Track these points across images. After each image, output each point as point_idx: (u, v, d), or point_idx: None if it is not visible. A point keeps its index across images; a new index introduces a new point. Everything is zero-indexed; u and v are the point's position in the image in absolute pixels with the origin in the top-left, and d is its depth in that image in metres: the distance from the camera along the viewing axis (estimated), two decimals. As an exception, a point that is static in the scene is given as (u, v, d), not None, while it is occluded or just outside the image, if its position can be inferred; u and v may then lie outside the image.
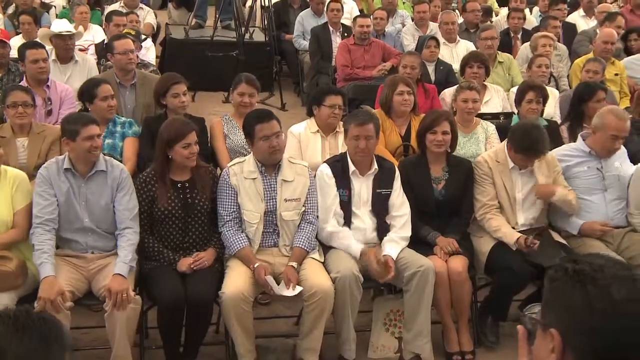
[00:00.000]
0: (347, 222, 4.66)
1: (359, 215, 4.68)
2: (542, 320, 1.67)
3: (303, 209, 4.58)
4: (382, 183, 4.68)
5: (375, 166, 4.68)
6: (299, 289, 4.28)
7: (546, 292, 1.68)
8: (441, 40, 8.15)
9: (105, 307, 4.02)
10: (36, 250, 4.12)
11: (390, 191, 4.70)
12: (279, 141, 4.52)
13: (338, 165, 4.68)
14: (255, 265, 4.33)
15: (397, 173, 4.75)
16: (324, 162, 4.82)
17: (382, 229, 4.69)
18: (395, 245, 4.56)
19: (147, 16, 9.21)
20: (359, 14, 9.75)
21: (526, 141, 4.74)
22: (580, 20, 9.90)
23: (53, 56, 6.59)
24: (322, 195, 4.64)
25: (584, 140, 5.04)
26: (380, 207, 4.69)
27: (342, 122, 5.41)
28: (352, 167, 4.66)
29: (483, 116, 5.92)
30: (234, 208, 4.49)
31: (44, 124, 5.37)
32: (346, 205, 4.65)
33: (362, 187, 4.68)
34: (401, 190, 4.73)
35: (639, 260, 4.73)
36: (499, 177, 4.86)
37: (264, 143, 4.44)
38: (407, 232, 4.67)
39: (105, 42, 7.53)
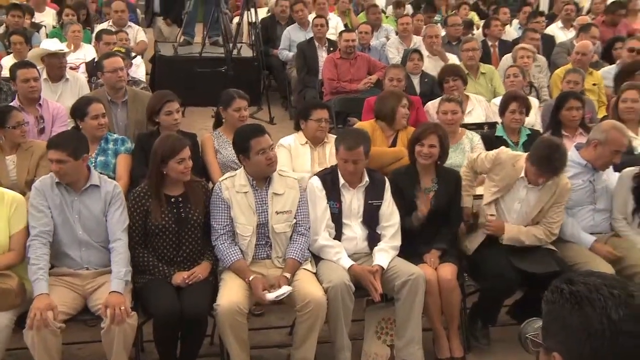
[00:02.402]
0: (338, 233, 4.64)
1: (350, 226, 4.66)
2: (544, 343, 1.66)
3: (294, 221, 4.55)
4: (373, 194, 4.67)
5: (366, 178, 4.66)
6: (287, 288, 4.25)
7: (545, 315, 1.67)
8: (425, 53, 8.18)
9: (102, 324, 3.96)
10: (32, 265, 4.07)
11: (381, 202, 4.68)
12: (273, 154, 4.52)
13: (328, 177, 4.66)
14: (250, 278, 4.30)
15: (388, 184, 4.73)
16: (315, 174, 4.79)
17: (373, 239, 4.67)
18: (385, 254, 4.55)
19: (138, 35, 9.17)
20: (343, 28, 9.78)
21: (546, 157, 4.57)
22: (558, 32, 9.99)
23: (44, 75, 6.53)
24: (313, 208, 4.61)
25: (578, 151, 5.01)
26: (371, 218, 4.67)
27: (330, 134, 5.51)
28: (342, 180, 4.64)
29: (467, 126, 5.92)
30: (227, 222, 4.46)
31: (31, 140, 5.30)
32: (337, 217, 4.63)
33: (353, 199, 4.66)
34: (391, 200, 4.71)
35: (624, 262, 4.76)
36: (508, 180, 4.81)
37: (261, 157, 4.41)
38: (397, 241, 4.66)
39: (96, 60, 7.50)
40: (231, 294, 4.23)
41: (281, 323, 4.94)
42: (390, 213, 4.69)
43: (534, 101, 6.72)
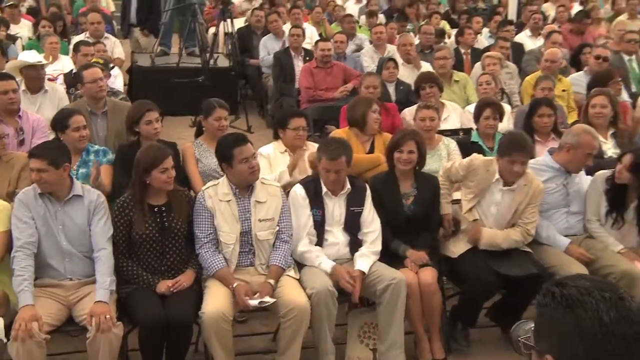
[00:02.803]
0: (320, 239, 4.64)
1: (332, 232, 4.67)
2: (536, 345, 1.67)
3: (277, 228, 4.55)
4: (354, 201, 4.67)
5: (348, 186, 4.66)
6: (268, 301, 4.25)
7: (537, 318, 1.68)
8: (400, 61, 8.23)
9: (88, 334, 3.92)
10: (16, 277, 4.02)
11: (362, 209, 4.69)
12: (256, 162, 4.52)
13: (311, 185, 4.66)
14: (234, 285, 4.29)
15: (368, 191, 4.74)
16: (299, 182, 4.79)
17: (355, 244, 4.68)
18: (366, 259, 4.57)
19: (115, 47, 9.11)
20: (318, 38, 9.81)
21: (509, 141, 4.80)
22: (527, 40, 10.09)
23: (23, 87, 6.45)
24: (296, 215, 4.62)
25: (551, 155, 5.06)
26: (352, 224, 4.68)
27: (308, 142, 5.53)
28: (324, 188, 4.64)
29: (443, 133, 5.95)
30: (210, 230, 4.45)
31: (11, 152, 5.22)
32: (319, 224, 4.63)
33: (335, 207, 4.66)
34: (372, 207, 4.73)
35: (598, 263, 4.81)
36: (483, 184, 4.86)
37: (244, 165, 4.41)
38: (378, 246, 4.67)
39: (74, 71, 7.45)
40: (216, 301, 4.22)
41: (265, 329, 4.92)
42: (371, 219, 4.70)
43: (506, 107, 6.79)
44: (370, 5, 12.63)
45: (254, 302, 4.23)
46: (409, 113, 6.46)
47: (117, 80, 8.00)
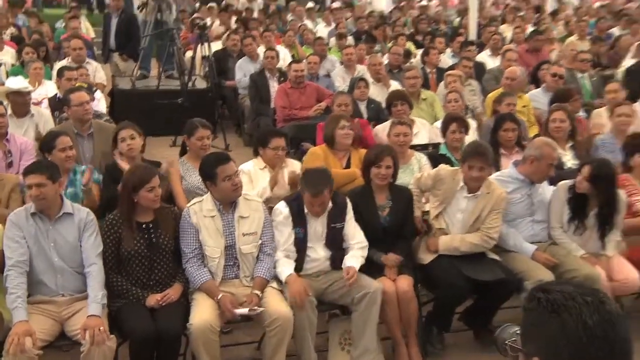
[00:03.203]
0: (302, 256, 4.61)
1: (314, 248, 4.64)
2: (523, 348, 1.67)
3: (260, 241, 4.53)
4: (335, 218, 4.65)
5: (330, 204, 4.62)
6: (258, 309, 4.24)
7: (524, 322, 1.68)
8: (370, 80, 8.27)
9: (82, 348, 3.86)
10: (10, 294, 3.96)
11: (343, 224, 4.68)
12: (239, 179, 4.50)
13: (295, 204, 4.61)
14: (219, 297, 4.27)
15: (349, 206, 4.73)
16: (283, 199, 4.76)
17: (335, 258, 4.66)
18: (355, 259, 4.58)
19: (97, 74, 9.05)
20: (291, 60, 9.84)
21: (468, 148, 4.95)
22: (487, 59, 10.20)
23: (9, 111, 6.40)
24: (278, 232, 4.59)
25: (515, 167, 5.11)
26: (334, 240, 4.67)
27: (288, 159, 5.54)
28: (306, 209, 4.60)
29: (414, 147, 5.99)
30: (195, 245, 4.42)
31: (1, 174, 5.19)
32: (302, 241, 4.60)
33: (317, 224, 4.63)
34: (353, 220, 4.72)
35: (562, 268, 4.84)
36: (449, 193, 4.90)
37: (227, 182, 4.39)
38: (365, 252, 4.68)
39: (58, 96, 7.40)
40: (203, 313, 4.19)
41: (249, 339, 4.88)
42: (353, 233, 4.70)
43: (471, 122, 6.85)
44: (339, 28, 12.71)
45: (242, 311, 4.22)
46: (381, 129, 6.50)
47: (100, 103, 7.93)
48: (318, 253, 4.65)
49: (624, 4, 16.52)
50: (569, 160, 6.05)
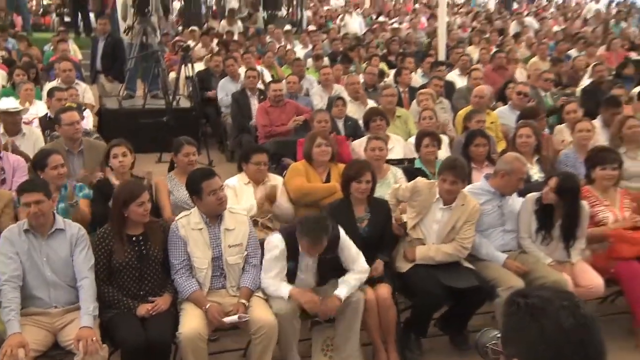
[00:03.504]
0: (291, 279, 4.52)
1: (302, 277, 4.54)
2: (504, 351, 1.68)
3: (246, 253, 4.51)
4: (327, 251, 4.45)
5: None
6: (246, 316, 4.25)
7: (504, 326, 1.68)
8: (348, 98, 8.32)
9: (75, 358, 3.84)
10: (4, 308, 3.93)
11: (335, 255, 4.53)
12: (223, 194, 4.49)
13: (290, 240, 4.42)
14: (207, 306, 4.26)
15: (342, 235, 4.54)
16: (279, 231, 4.63)
17: (325, 280, 4.61)
18: (346, 286, 4.45)
19: (86, 94, 9.00)
20: (271, 79, 9.87)
21: (443, 162, 4.99)
22: (457, 78, 10.27)
23: (1, 130, 6.36)
24: (273, 262, 4.44)
25: (487, 180, 5.16)
26: (324, 269, 4.57)
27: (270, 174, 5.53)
28: (302, 250, 4.45)
29: (390, 162, 6.02)
30: (184, 257, 4.40)
31: None
32: (292, 272, 4.50)
33: (309, 259, 4.50)
34: (352, 246, 4.57)
35: (531, 275, 4.87)
36: (425, 204, 4.92)
37: (212, 197, 4.39)
38: (364, 276, 4.58)
39: (49, 115, 7.36)
40: (192, 321, 4.18)
41: (236, 346, 4.86)
42: (355, 257, 4.56)
43: (443, 137, 6.91)
44: (316, 49, 12.77)
45: (231, 319, 4.21)
46: (358, 144, 6.53)
47: (88, 121, 7.89)
48: (307, 281, 4.57)
49: (580, 28, 16.81)
50: (536, 173, 6.12)
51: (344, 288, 4.45)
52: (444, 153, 6.51)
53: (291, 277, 4.52)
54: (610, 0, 25.86)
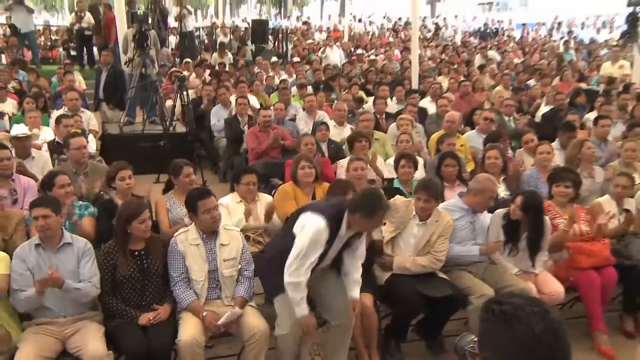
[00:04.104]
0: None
1: (324, 266, 4.34)
2: (480, 354, 1.68)
3: (239, 266, 4.48)
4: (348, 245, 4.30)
5: None
6: (238, 312, 4.25)
7: (480, 331, 1.68)
8: (332, 123, 8.33)
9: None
10: (20, 299, 4.02)
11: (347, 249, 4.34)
12: (218, 213, 4.47)
13: (333, 224, 4.09)
14: (203, 315, 4.23)
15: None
16: (320, 214, 4.09)
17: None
18: (357, 285, 4.37)
19: (90, 122, 8.97)
20: (259, 106, 9.88)
21: (418, 183, 5.02)
22: (429, 104, 10.32)
23: (13, 154, 6.30)
24: (314, 248, 4.06)
25: (460, 198, 5.18)
26: (337, 261, 4.39)
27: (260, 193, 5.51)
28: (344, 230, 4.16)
29: (370, 182, 6.02)
30: (182, 270, 4.37)
31: (9, 209, 5.09)
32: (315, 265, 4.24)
33: (333, 251, 4.26)
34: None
35: (500, 284, 4.87)
36: (403, 220, 4.92)
37: (207, 215, 4.37)
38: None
39: (56, 140, 7.33)
40: (189, 330, 4.14)
41: (229, 352, 4.80)
42: (362, 253, 4.41)
43: (419, 159, 6.93)
44: (299, 79, 12.80)
45: (224, 318, 4.19)
46: (340, 165, 6.55)
47: (91, 145, 7.86)
48: (324, 268, 4.38)
49: (537, 61, 17.05)
50: (502, 191, 6.16)
51: (356, 288, 4.36)
52: (420, 173, 6.54)
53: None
54: (561, 36, 26.35)
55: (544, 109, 10.33)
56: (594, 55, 18.56)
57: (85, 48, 16.67)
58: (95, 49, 16.24)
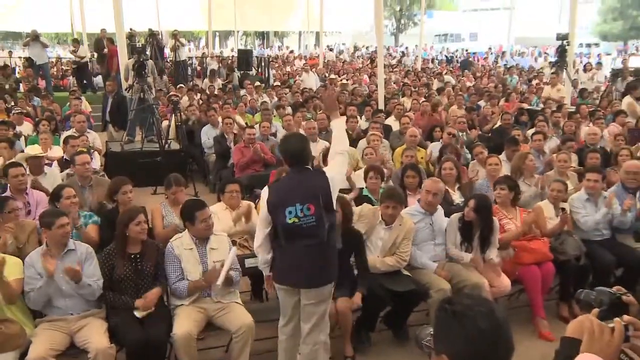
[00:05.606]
0: None
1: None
2: (435, 347, 1.68)
3: (228, 267, 4.46)
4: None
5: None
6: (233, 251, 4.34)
7: (435, 327, 1.68)
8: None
9: (88, 356, 3.77)
10: (32, 294, 3.99)
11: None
12: (211, 222, 4.46)
13: None
14: (204, 277, 4.28)
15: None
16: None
17: None
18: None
19: (95, 141, 8.90)
20: (244, 125, 9.85)
21: (384, 192, 5.02)
22: (393, 123, 10.36)
23: (28, 171, 6.22)
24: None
25: (419, 204, 5.21)
26: None
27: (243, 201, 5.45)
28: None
29: (342, 191, 5.97)
30: (178, 272, 4.35)
31: (23, 220, 5.00)
32: None
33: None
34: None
35: (456, 279, 4.91)
36: (371, 225, 4.93)
37: (202, 224, 4.37)
38: None
39: (65, 158, 7.26)
40: (184, 324, 4.11)
41: (218, 343, 4.75)
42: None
43: (385, 171, 6.94)
44: (281, 101, 12.79)
45: (227, 262, 4.24)
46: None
47: (96, 162, 7.81)
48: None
49: (486, 85, 17.25)
50: (457, 198, 6.20)
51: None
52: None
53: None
54: (505, 63, 26.76)
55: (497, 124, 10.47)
56: (532, 80, 18.83)
57: (82, 75, 16.95)
58: (93, 76, 16.43)
